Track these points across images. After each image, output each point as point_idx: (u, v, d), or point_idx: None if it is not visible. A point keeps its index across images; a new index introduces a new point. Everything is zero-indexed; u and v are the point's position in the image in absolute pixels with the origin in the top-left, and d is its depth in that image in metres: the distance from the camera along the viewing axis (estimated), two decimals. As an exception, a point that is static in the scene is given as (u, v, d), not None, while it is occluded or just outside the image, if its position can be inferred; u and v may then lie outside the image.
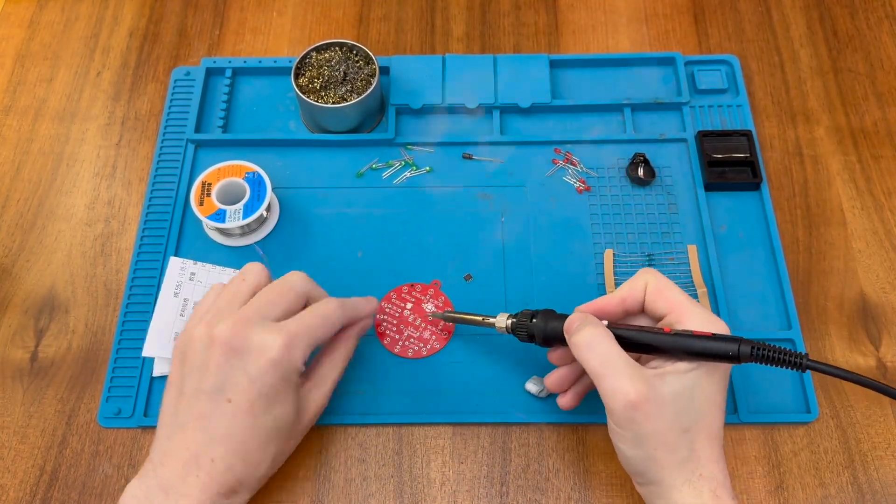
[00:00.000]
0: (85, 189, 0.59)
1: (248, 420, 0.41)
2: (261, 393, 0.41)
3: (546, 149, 0.59)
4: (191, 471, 0.40)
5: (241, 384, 0.41)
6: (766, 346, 0.40)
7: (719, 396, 0.41)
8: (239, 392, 0.41)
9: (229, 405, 0.41)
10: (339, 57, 0.59)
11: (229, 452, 0.40)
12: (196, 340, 0.42)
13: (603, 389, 0.40)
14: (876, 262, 0.55)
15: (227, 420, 0.41)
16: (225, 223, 0.53)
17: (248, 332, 0.41)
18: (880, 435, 0.49)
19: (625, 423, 0.40)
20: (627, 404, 0.39)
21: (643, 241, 0.56)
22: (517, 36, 0.67)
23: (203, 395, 0.41)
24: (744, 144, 0.58)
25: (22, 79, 0.65)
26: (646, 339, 0.42)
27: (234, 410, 0.41)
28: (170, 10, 0.68)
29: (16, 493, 0.48)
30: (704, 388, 0.40)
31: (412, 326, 0.52)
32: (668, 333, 0.41)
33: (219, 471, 0.40)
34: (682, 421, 0.40)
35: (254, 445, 0.41)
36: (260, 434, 0.41)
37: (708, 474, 0.40)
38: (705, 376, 0.40)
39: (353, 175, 0.58)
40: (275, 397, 0.41)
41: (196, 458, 0.40)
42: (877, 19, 0.67)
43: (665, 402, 0.40)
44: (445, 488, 0.47)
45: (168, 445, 0.41)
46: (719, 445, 0.41)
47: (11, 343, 0.53)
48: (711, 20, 0.67)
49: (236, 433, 0.41)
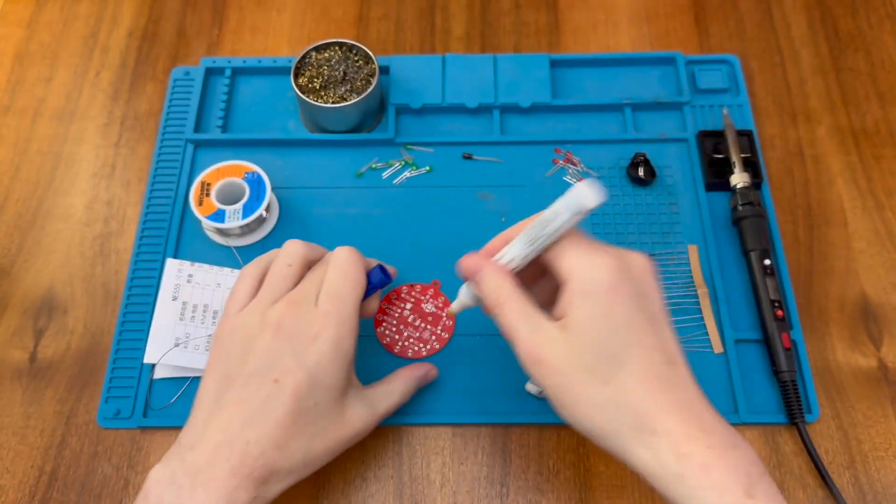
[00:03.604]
0: (84, 189, 0.59)
1: (291, 403, 0.40)
2: (309, 374, 0.40)
3: (546, 149, 0.59)
4: (222, 454, 0.38)
5: (290, 366, 0.40)
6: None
7: (641, 325, 0.36)
8: (287, 373, 0.40)
9: (275, 385, 0.40)
10: (339, 56, 0.59)
11: (265, 436, 0.39)
12: (243, 326, 0.42)
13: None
14: (877, 262, 0.55)
15: (270, 401, 0.39)
16: (224, 223, 0.53)
17: (299, 312, 0.41)
18: (881, 435, 0.49)
19: (539, 381, 0.37)
20: (526, 357, 0.37)
21: (643, 241, 0.55)
22: (517, 35, 0.66)
23: (250, 379, 0.40)
24: (745, 144, 0.58)
25: (20, 78, 0.64)
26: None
27: (279, 391, 0.40)
28: (169, 10, 0.68)
29: (15, 494, 0.47)
30: (615, 319, 0.35)
31: (412, 326, 0.52)
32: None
33: (252, 455, 0.39)
34: (597, 371, 0.35)
35: (291, 432, 0.40)
36: (298, 420, 0.40)
37: (662, 429, 0.34)
38: (608, 303, 0.35)
39: (353, 175, 0.58)
40: (321, 381, 0.40)
41: (230, 442, 0.39)
42: (878, 19, 0.67)
43: (566, 350, 0.36)
44: (445, 489, 0.47)
45: (203, 430, 0.40)
46: (671, 388, 0.35)
47: (10, 343, 0.53)
48: (712, 19, 0.67)
49: (276, 415, 0.39)
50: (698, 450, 0.34)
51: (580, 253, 0.37)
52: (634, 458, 0.35)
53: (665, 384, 0.35)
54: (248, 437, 0.39)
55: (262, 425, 0.39)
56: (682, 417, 0.34)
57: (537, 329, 0.37)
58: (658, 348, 0.36)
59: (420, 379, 0.48)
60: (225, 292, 0.53)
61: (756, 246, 0.53)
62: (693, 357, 0.51)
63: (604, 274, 0.36)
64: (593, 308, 0.36)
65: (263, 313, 0.42)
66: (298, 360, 0.40)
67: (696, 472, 0.33)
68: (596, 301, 0.36)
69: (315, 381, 0.40)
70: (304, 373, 0.40)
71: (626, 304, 0.36)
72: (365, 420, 0.43)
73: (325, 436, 0.41)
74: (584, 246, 0.37)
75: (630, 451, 0.35)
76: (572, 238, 0.38)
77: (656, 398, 0.35)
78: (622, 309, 0.36)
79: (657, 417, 0.34)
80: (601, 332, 0.35)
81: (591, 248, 0.37)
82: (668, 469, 0.34)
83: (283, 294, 0.43)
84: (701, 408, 0.35)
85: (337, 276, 0.43)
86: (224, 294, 0.53)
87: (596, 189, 0.34)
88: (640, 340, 0.36)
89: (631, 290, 0.36)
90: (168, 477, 0.38)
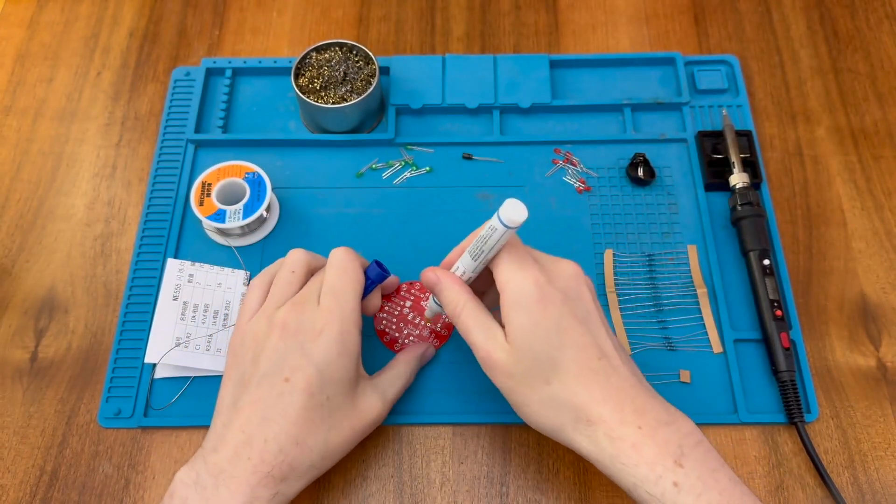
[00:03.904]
0: (85, 189, 0.59)
1: (304, 398, 0.41)
2: (317, 369, 0.41)
3: (546, 149, 0.59)
4: (242, 453, 0.40)
5: (298, 363, 0.42)
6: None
7: (572, 327, 0.39)
8: (296, 370, 0.41)
9: (287, 384, 0.41)
10: (339, 57, 0.59)
11: (282, 433, 0.41)
12: (252, 333, 0.44)
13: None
14: (876, 262, 0.55)
15: (283, 399, 0.41)
16: (225, 223, 0.53)
17: (302, 312, 0.43)
18: (880, 435, 0.49)
19: (496, 384, 0.41)
20: (482, 361, 0.41)
21: (643, 241, 0.56)
22: (517, 36, 0.67)
23: (263, 380, 0.42)
24: (744, 144, 0.58)
25: (22, 79, 0.65)
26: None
27: (292, 388, 0.41)
28: (169, 10, 0.68)
29: (16, 493, 0.48)
30: (545, 326, 0.39)
31: (412, 325, 0.52)
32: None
33: (271, 452, 0.40)
34: (538, 374, 0.39)
35: (307, 427, 0.41)
36: (313, 415, 0.41)
37: (597, 418, 0.38)
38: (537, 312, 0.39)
39: (353, 175, 0.58)
40: (330, 375, 0.42)
41: (250, 441, 0.40)
42: (877, 19, 0.67)
43: (510, 357, 0.40)
44: (445, 488, 0.47)
45: (223, 432, 0.41)
46: (604, 379, 0.39)
47: (11, 343, 0.53)
48: (711, 20, 0.67)
49: (291, 412, 0.41)
50: (629, 432, 0.38)
51: (512, 267, 0.40)
52: (578, 447, 0.39)
53: (598, 377, 0.39)
54: (266, 435, 0.40)
55: (279, 423, 0.41)
56: (615, 405, 0.38)
57: (490, 336, 0.41)
58: (590, 345, 0.39)
59: (420, 358, 0.50)
60: (225, 292, 0.53)
61: (755, 246, 0.53)
62: (693, 357, 0.51)
63: (531, 287, 0.40)
64: (524, 319, 0.39)
65: (270, 317, 0.44)
66: (306, 356, 0.42)
67: (629, 451, 0.37)
68: (526, 312, 0.39)
69: (324, 375, 0.42)
70: (313, 368, 0.41)
71: (554, 311, 0.39)
72: (377, 408, 0.45)
73: (342, 428, 0.43)
74: (516, 261, 0.41)
75: (575, 441, 0.39)
76: (509, 251, 0.41)
77: (591, 391, 0.39)
78: (551, 316, 0.39)
79: (592, 408, 0.38)
80: (534, 340, 0.39)
81: (522, 262, 0.41)
82: (605, 453, 0.38)
83: (288, 299, 0.45)
84: (634, 393, 0.39)
85: (335, 274, 0.45)
86: (224, 294, 0.53)
87: (520, 206, 0.38)
88: (572, 341, 0.39)
89: (558, 298, 0.40)
90: (192, 478, 0.40)
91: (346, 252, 0.46)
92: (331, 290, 0.44)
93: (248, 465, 0.40)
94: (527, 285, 0.40)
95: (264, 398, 0.41)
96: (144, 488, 0.48)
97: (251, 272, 0.54)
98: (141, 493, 0.47)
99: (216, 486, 0.39)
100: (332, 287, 0.44)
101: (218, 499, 0.39)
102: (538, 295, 0.39)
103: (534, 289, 0.39)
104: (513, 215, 0.38)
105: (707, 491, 0.36)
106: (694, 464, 0.37)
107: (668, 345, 0.52)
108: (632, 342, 0.52)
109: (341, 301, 0.43)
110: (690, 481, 0.36)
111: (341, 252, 0.46)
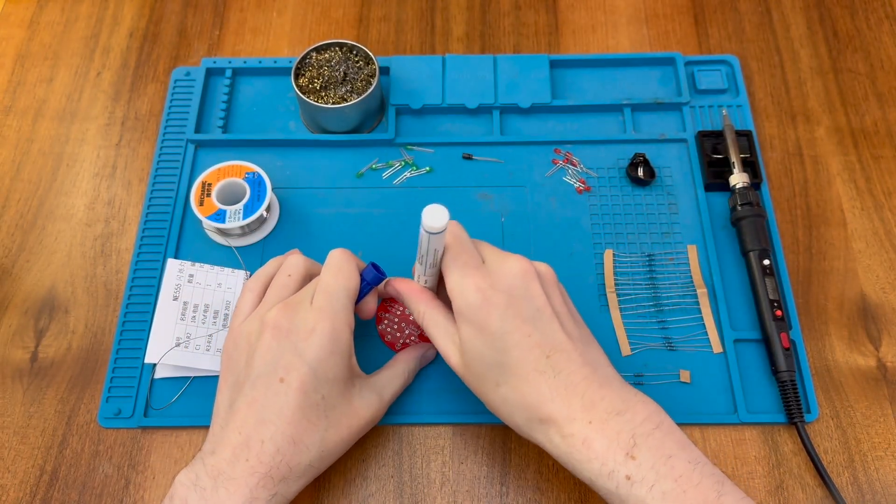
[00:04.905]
0: (85, 189, 0.59)
1: (299, 398, 0.41)
2: (311, 367, 0.42)
3: (546, 149, 0.59)
4: (240, 455, 0.40)
5: (292, 362, 0.42)
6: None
7: (518, 328, 0.40)
8: (290, 370, 0.41)
9: (282, 384, 0.41)
10: (339, 57, 0.59)
11: (279, 433, 0.41)
12: (245, 334, 0.44)
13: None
14: (876, 262, 0.55)
15: (279, 399, 0.41)
16: (225, 223, 0.53)
17: (294, 312, 0.43)
18: (880, 435, 0.49)
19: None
20: (448, 363, 0.43)
21: (643, 241, 0.56)
22: (517, 36, 0.67)
23: (257, 381, 0.42)
24: (744, 145, 0.58)
25: (22, 79, 0.65)
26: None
27: (287, 389, 0.41)
28: (170, 11, 0.68)
29: (16, 493, 0.48)
30: (490, 332, 0.40)
31: (413, 325, 0.52)
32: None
33: (268, 453, 0.40)
34: (489, 378, 0.41)
35: (303, 427, 0.41)
36: (309, 414, 0.41)
37: (547, 417, 0.39)
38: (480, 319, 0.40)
39: (353, 175, 0.58)
40: (324, 373, 0.42)
41: (247, 442, 0.40)
42: (877, 19, 0.67)
43: (463, 363, 0.42)
44: (445, 488, 0.47)
45: (221, 434, 0.42)
46: (552, 378, 0.39)
47: (11, 343, 0.53)
48: (711, 20, 0.67)
49: (287, 412, 0.41)
50: (579, 428, 0.38)
51: (456, 277, 0.41)
52: (540, 444, 0.40)
53: (545, 376, 0.39)
54: (263, 436, 0.41)
55: (275, 423, 0.41)
56: (563, 402, 0.39)
57: (450, 342, 0.43)
58: (537, 344, 0.40)
59: (420, 359, 0.50)
60: (225, 292, 0.53)
61: (755, 246, 0.53)
62: (693, 357, 0.51)
63: (472, 295, 0.40)
64: (469, 327, 0.41)
65: (262, 318, 0.44)
66: (299, 356, 0.42)
67: (580, 447, 0.38)
68: (470, 320, 0.41)
69: (318, 374, 0.42)
70: (307, 367, 0.42)
71: (496, 316, 0.40)
72: (374, 407, 0.45)
73: (338, 427, 0.43)
74: (460, 267, 0.42)
75: (535, 440, 0.40)
76: (453, 257, 0.42)
77: (539, 390, 0.39)
78: (494, 321, 0.40)
79: (542, 407, 0.39)
80: (481, 347, 0.40)
81: (464, 268, 0.41)
82: (560, 450, 0.39)
83: (283, 298, 0.45)
84: (585, 386, 0.39)
85: (329, 275, 0.45)
86: (224, 294, 0.53)
87: (438, 212, 0.39)
88: (517, 343, 0.40)
89: (502, 301, 0.40)
90: (192, 480, 0.40)
91: (343, 253, 0.46)
92: (324, 289, 0.44)
93: (246, 467, 0.40)
94: (468, 293, 0.40)
95: (260, 399, 0.41)
96: (144, 488, 0.48)
97: (251, 272, 0.54)
98: (141, 493, 0.47)
99: (215, 487, 0.39)
100: (326, 286, 0.44)
101: (217, 500, 0.39)
102: (480, 301, 0.40)
103: (475, 296, 0.40)
104: (431, 221, 0.39)
105: (661, 480, 0.36)
106: (647, 453, 0.37)
107: (668, 345, 0.52)
108: (632, 342, 0.52)
109: (333, 300, 0.43)
110: (643, 472, 0.37)
111: (338, 253, 0.46)
